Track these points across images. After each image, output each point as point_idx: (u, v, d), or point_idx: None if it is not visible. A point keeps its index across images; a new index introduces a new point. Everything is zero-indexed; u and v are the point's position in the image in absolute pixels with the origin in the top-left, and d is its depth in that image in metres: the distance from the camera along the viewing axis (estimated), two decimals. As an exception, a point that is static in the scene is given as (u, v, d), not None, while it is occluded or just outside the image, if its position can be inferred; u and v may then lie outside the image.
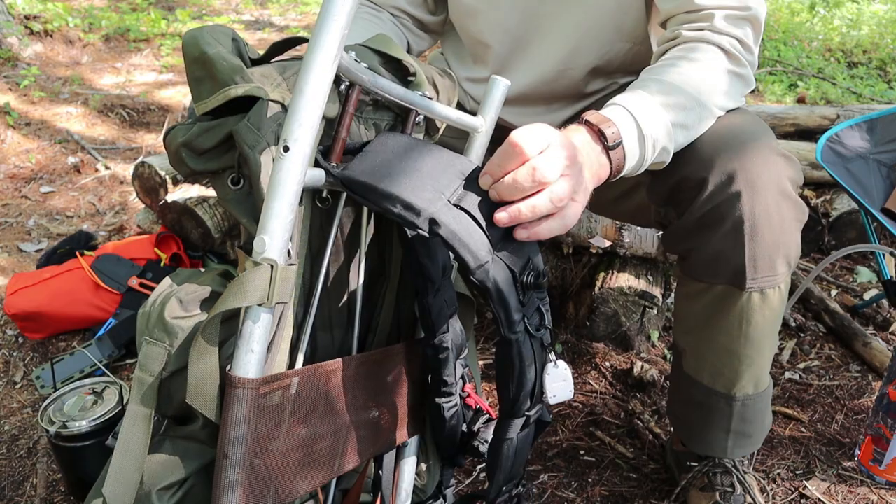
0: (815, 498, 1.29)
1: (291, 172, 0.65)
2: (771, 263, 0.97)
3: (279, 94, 0.75)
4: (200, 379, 0.69)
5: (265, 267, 0.66)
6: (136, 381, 0.75)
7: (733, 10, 0.98)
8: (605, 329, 1.65)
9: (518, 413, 0.82)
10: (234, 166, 0.76)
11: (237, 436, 0.67)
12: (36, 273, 1.79)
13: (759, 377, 1.08)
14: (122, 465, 0.74)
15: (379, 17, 1.25)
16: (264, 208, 0.66)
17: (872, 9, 4.63)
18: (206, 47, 0.74)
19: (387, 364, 0.88)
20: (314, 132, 0.66)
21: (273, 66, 0.79)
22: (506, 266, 0.74)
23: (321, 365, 0.78)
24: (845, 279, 2.00)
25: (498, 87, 0.89)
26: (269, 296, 0.66)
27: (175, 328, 0.74)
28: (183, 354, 0.73)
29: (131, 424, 0.75)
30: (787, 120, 2.26)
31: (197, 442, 0.76)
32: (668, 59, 0.98)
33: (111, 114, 3.12)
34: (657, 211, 1.08)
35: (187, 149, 0.76)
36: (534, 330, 0.78)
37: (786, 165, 0.97)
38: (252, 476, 0.69)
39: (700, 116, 0.95)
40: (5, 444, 1.43)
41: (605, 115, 0.86)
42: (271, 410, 0.71)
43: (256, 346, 0.67)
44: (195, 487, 0.76)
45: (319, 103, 0.65)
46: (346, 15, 0.64)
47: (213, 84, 0.73)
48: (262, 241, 0.66)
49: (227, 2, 5.11)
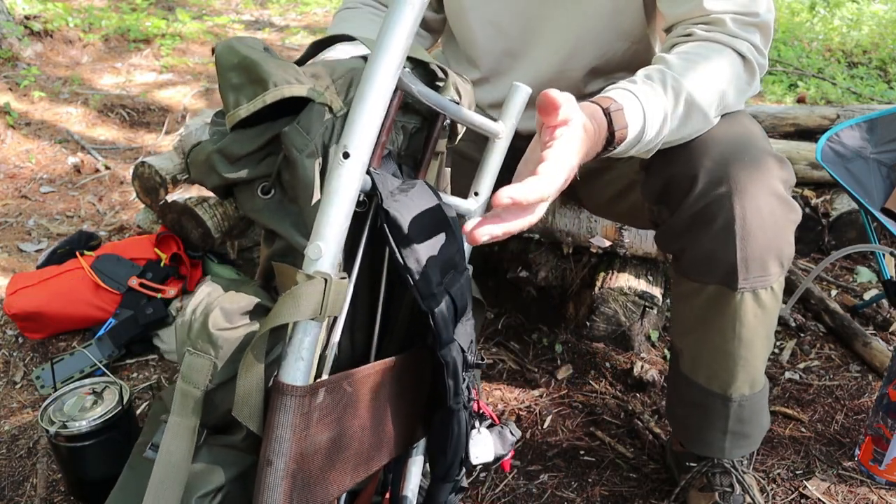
0: (815, 498, 1.29)
1: (350, 180, 0.65)
2: (763, 264, 0.97)
3: (329, 98, 0.74)
4: (247, 391, 0.69)
5: (319, 281, 0.65)
6: (178, 393, 0.74)
7: (743, 15, 0.98)
8: (605, 329, 1.65)
9: (451, 478, 0.88)
10: (269, 175, 0.75)
11: (282, 443, 0.67)
12: (36, 273, 1.79)
13: (755, 378, 1.09)
14: (164, 478, 0.72)
15: (380, 15, 1.25)
16: (320, 215, 0.65)
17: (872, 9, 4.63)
18: (246, 52, 0.73)
19: (407, 369, 0.89)
20: (373, 141, 0.65)
21: (323, 66, 0.77)
22: (459, 345, 0.82)
23: (352, 372, 0.77)
24: (845, 279, 2.00)
25: (519, 94, 0.89)
26: (322, 310, 0.66)
27: (220, 340, 0.73)
28: (229, 367, 0.72)
29: (174, 436, 0.73)
30: (787, 120, 2.26)
31: (235, 450, 0.76)
32: (682, 53, 0.97)
33: (111, 114, 3.12)
34: (651, 209, 1.08)
35: (220, 155, 0.74)
36: (466, 402, 0.86)
37: (778, 166, 0.97)
38: (293, 483, 0.69)
39: (699, 118, 0.95)
40: (5, 444, 1.43)
41: (625, 116, 0.86)
42: (314, 417, 0.71)
43: (306, 354, 0.67)
44: (231, 494, 0.75)
45: (380, 111, 0.65)
46: (413, 23, 0.64)
47: (256, 87, 0.72)
48: (317, 247, 0.65)
49: (227, 2, 5.11)
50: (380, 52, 0.64)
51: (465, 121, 0.86)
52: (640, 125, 0.88)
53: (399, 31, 0.63)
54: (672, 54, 0.97)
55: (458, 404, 0.84)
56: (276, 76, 0.71)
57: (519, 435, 0.94)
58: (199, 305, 0.76)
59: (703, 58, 0.96)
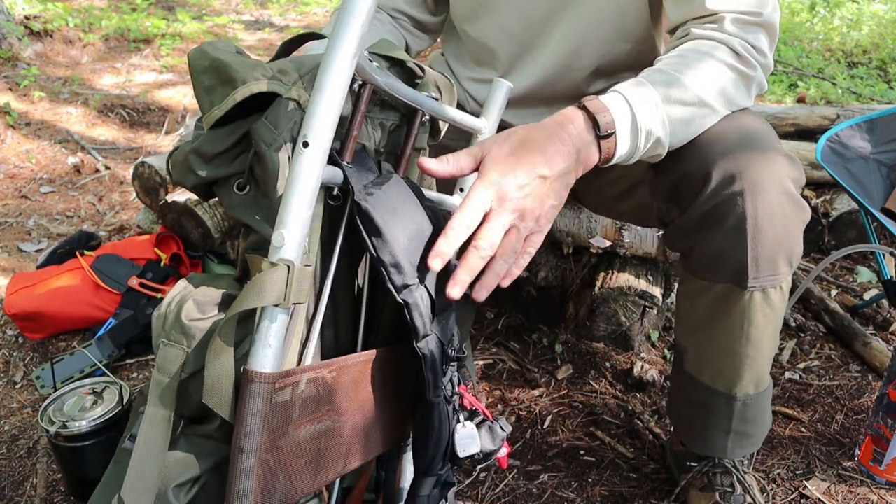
0: (815, 498, 1.29)
1: (310, 168, 0.66)
2: (773, 263, 0.97)
3: (295, 93, 0.74)
4: (216, 378, 0.69)
5: (282, 268, 0.66)
6: (154, 384, 0.74)
7: (745, 14, 0.98)
8: (605, 329, 1.65)
9: (432, 472, 0.88)
10: (243, 171, 0.76)
11: (252, 430, 0.68)
12: (36, 273, 1.79)
13: (760, 377, 1.08)
14: (141, 468, 0.73)
15: (377, 19, 1.25)
16: (282, 203, 0.66)
17: (872, 9, 4.63)
18: (217, 54, 0.74)
19: (392, 362, 0.89)
20: (333, 129, 0.66)
21: (290, 61, 0.78)
22: (437, 338, 0.83)
23: (333, 361, 0.78)
24: (845, 279, 2.00)
25: (500, 89, 0.90)
26: (286, 296, 0.66)
27: (192, 330, 0.74)
28: (201, 355, 0.73)
29: (150, 427, 0.74)
30: (787, 120, 2.26)
31: (211, 440, 0.76)
32: (676, 53, 0.98)
33: (111, 114, 3.12)
34: (659, 208, 1.08)
35: (196, 155, 0.76)
36: (448, 396, 0.87)
37: (789, 165, 0.97)
38: (265, 471, 0.69)
39: (702, 113, 0.95)
40: (5, 444, 1.43)
41: (603, 102, 0.87)
42: (284, 406, 0.71)
43: (273, 341, 0.68)
44: (208, 484, 0.76)
45: (338, 100, 0.66)
46: (367, 13, 0.65)
47: (227, 88, 0.73)
48: (280, 235, 0.66)
49: (227, 2, 5.11)
50: (335, 42, 0.65)
51: (443, 116, 0.87)
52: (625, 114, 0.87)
53: (354, 21, 0.65)
54: (665, 56, 0.98)
55: (437, 398, 0.84)
56: (244, 74, 0.72)
57: (510, 430, 0.94)
58: (175, 298, 0.77)
59: (694, 52, 0.96)
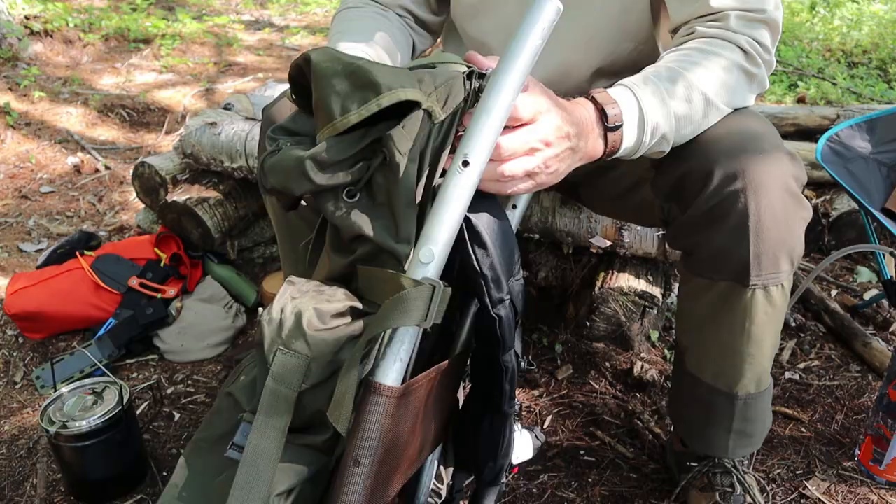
0: (815, 498, 1.29)
1: (466, 188, 0.67)
2: (775, 261, 0.97)
3: (432, 104, 0.73)
4: (343, 393, 0.68)
5: (427, 288, 0.66)
6: (268, 392, 0.72)
7: (749, 11, 0.98)
8: (605, 329, 1.65)
9: (498, 481, 0.90)
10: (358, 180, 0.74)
11: (370, 443, 0.68)
12: (36, 273, 1.79)
13: (761, 376, 1.08)
14: (251, 478, 0.71)
15: (386, 17, 1.25)
16: (433, 219, 0.66)
17: (872, 9, 4.62)
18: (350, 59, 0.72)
19: (451, 372, 0.89)
20: (491, 150, 0.68)
21: (427, 72, 0.77)
22: (515, 351, 0.85)
23: (431, 371, 0.78)
24: (845, 279, 2.00)
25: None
26: (428, 317, 0.66)
27: (316, 339, 0.72)
28: (323, 367, 0.72)
29: (261, 436, 0.72)
30: (787, 120, 2.26)
31: (312, 450, 0.75)
32: (683, 50, 0.98)
33: (111, 114, 3.12)
34: (661, 207, 1.08)
35: (314, 161, 0.72)
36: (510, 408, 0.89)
37: (791, 163, 0.97)
38: (374, 482, 0.69)
39: (707, 111, 0.95)
40: (5, 444, 1.43)
41: (611, 94, 0.88)
42: (398, 417, 0.71)
43: (404, 356, 0.68)
44: (303, 493, 0.75)
45: (502, 122, 0.67)
46: (542, 40, 0.66)
47: (366, 93, 0.71)
48: (429, 251, 0.66)
49: (227, 2, 5.12)
50: (510, 66, 0.66)
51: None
52: (633, 108, 0.88)
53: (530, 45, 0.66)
54: (671, 52, 0.98)
55: (511, 409, 0.86)
56: (389, 81, 0.71)
57: (544, 439, 0.96)
58: (287, 305, 0.75)
59: (701, 50, 0.96)
